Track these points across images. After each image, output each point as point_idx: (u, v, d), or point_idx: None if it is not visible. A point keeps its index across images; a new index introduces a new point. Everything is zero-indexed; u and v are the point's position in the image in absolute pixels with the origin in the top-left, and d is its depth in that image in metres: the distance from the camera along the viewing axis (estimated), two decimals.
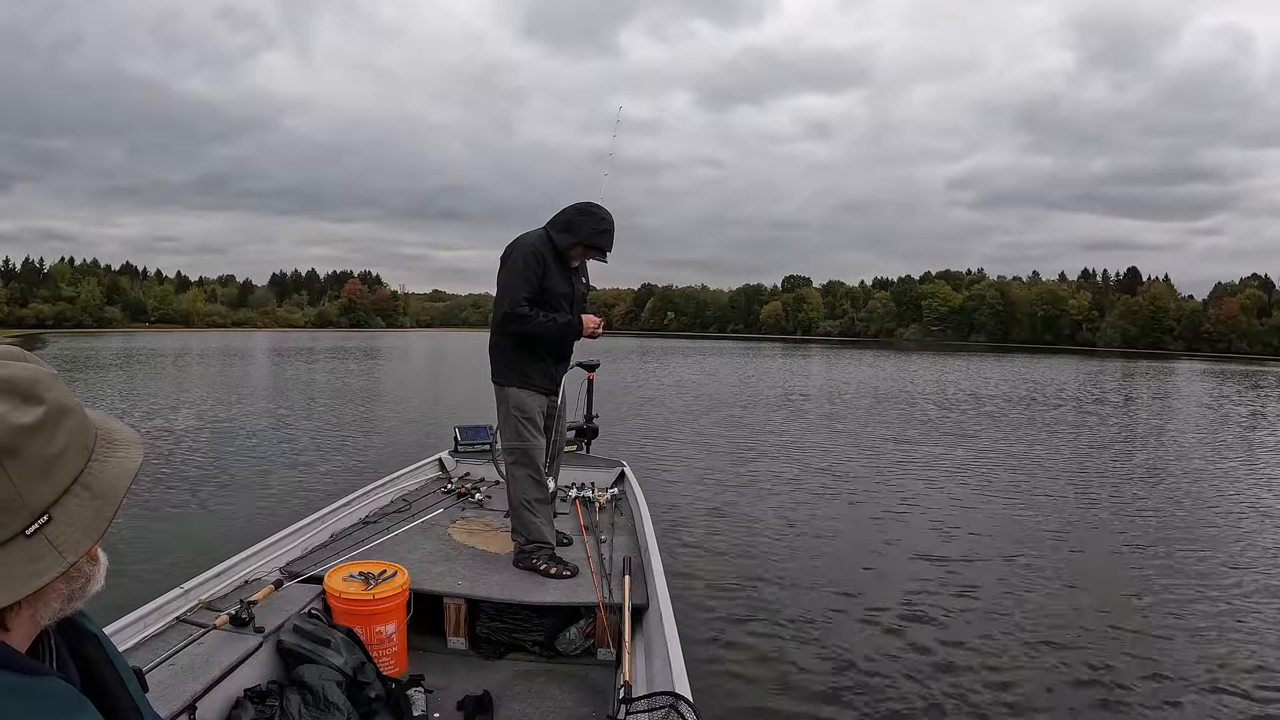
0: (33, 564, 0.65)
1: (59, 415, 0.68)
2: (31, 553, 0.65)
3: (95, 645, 0.84)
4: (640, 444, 10.94)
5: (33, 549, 0.65)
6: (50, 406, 0.67)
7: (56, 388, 0.69)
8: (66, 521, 0.67)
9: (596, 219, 3.48)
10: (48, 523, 0.66)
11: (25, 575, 0.65)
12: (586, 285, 3.73)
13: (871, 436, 12.39)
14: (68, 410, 0.69)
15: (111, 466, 0.72)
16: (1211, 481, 9.25)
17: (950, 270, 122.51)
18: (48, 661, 0.76)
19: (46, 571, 0.66)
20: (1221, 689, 3.78)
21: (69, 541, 0.67)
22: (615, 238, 3.57)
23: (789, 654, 4.08)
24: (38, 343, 45.88)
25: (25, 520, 0.65)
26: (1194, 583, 5.39)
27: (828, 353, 53.49)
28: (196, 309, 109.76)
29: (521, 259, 3.44)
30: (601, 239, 3.50)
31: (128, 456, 0.74)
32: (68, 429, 0.68)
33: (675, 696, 2.12)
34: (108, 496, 0.70)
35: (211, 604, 2.75)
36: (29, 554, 0.65)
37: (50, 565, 0.66)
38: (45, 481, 0.66)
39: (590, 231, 3.47)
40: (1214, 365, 52.10)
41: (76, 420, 0.70)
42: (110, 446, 0.73)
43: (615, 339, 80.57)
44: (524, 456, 3.50)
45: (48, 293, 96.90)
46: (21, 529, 0.64)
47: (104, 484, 0.70)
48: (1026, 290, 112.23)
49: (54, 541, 0.66)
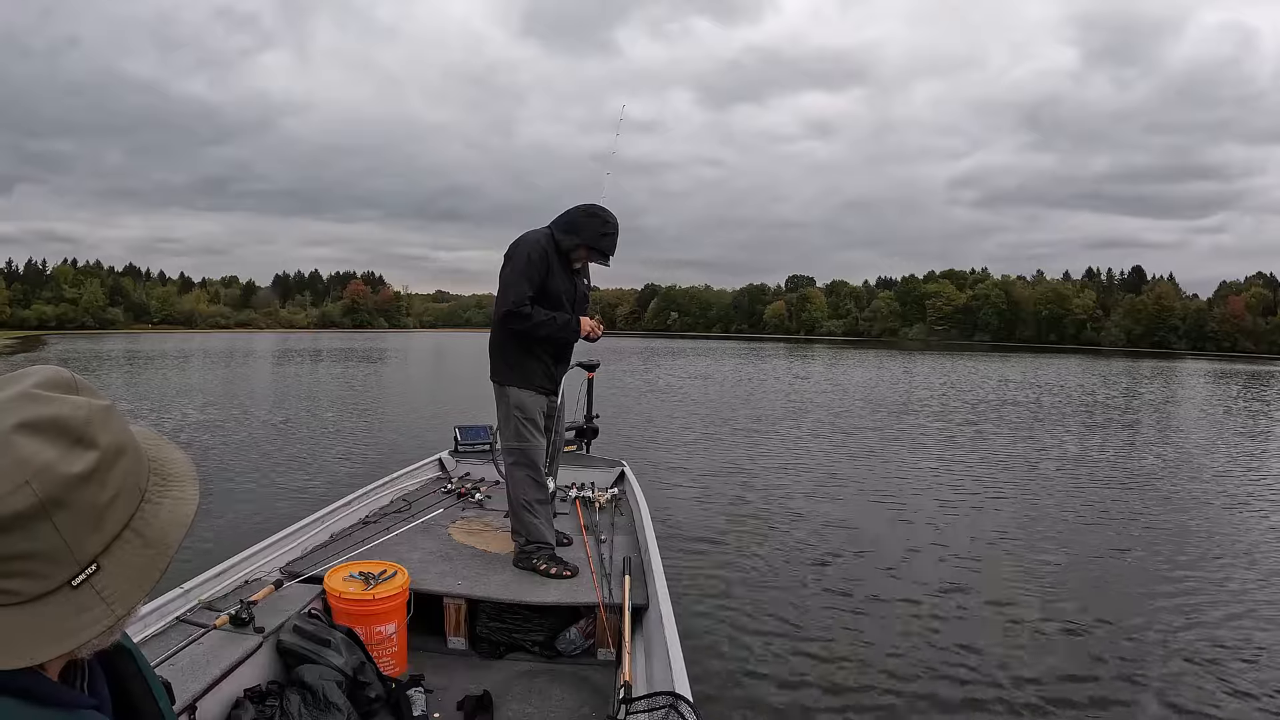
0: (78, 616, 0.61)
1: (113, 458, 0.63)
2: (77, 604, 0.61)
3: (127, 659, 0.81)
4: (641, 444, 10.94)
5: (79, 600, 0.61)
6: (104, 451, 0.62)
7: (111, 424, 0.64)
8: (116, 571, 0.63)
9: (600, 221, 3.48)
10: (95, 572, 0.62)
11: (69, 629, 0.61)
12: (589, 286, 3.73)
13: (874, 437, 12.36)
14: (122, 450, 0.64)
15: (165, 510, 0.67)
16: (1227, 484, 9.20)
17: (954, 270, 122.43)
18: (79, 681, 0.73)
19: (92, 625, 0.62)
20: (1231, 690, 3.76)
21: (118, 593, 0.63)
22: (619, 241, 3.57)
23: (789, 654, 4.08)
24: (40, 344, 46.07)
25: (71, 571, 0.60)
26: (1205, 582, 5.37)
27: (831, 353, 53.42)
28: (199, 310, 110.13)
29: (525, 257, 3.43)
30: (605, 242, 3.49)
31: (183, 497, 0.69)
32: (121, 472, 0.64)
33: (675, 696, 2.12)
34: (160, 545, 0.66)
35: (212, 604, 2.75)
36: (74, 606, 0.61)
37: (97, 618, 0.62)
38: (95, 533, 0.61)
39: (594, 234, 3.47)
40: (1220, 365, 51.89)
41: (131, 460, 0.65)
42: (165, 483, 0.69)
43: (618, 340, 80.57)
44: (524, 457, 3.50)
45: (50, 294, 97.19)
46: (68, 580, 0.60)
47: (157, 530, 0.66)
48: (1031, 289, 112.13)
49: (102, 593, 0.62)
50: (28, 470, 0.58)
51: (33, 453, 0.59)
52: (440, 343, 61.34)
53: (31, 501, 0.58)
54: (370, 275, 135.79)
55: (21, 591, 0.59)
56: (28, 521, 0.58)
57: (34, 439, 0.60)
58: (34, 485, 0.58)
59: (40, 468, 0.59)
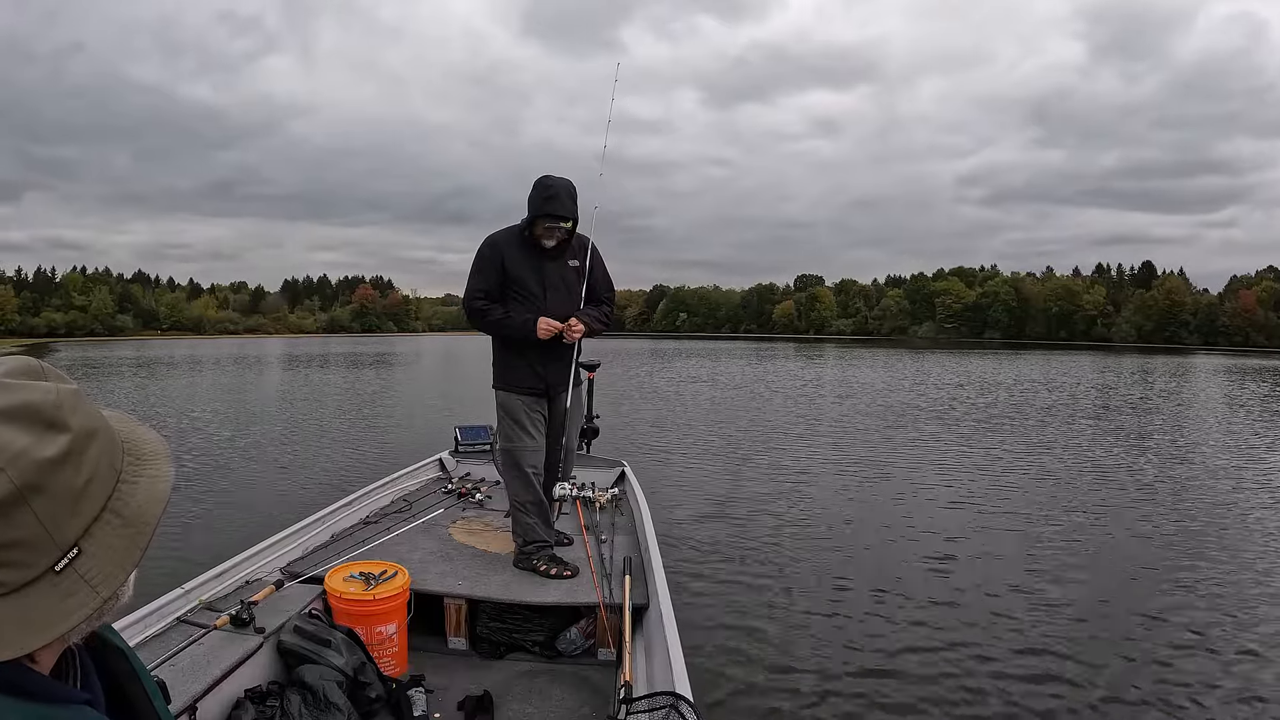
0: (63, 601, 0.61)
1: (85, 440, 0.63)
2: (61, 590, 0.61)
3: (121, 659, 0.81)
4: (641, 444, 10.93)
5: (63, 585, 0.61)
6: (76, 433, 0.62)
7: (80, 407, 0.64)
8: (97, 553, 0.63)
9: (542, 187, 3.34)
10: (77, 556, 0.61)
11: (56, 615, 0.61)
12: (581, 270, 3.55)
13: (877, 436, 12.30)
14: (94, 433, 0.64)
15: (142, 489, 0.67)
16: (1241, 481, 9.13)
17: (963, 267, 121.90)
18: (72, 678, 0.72)
19: (78, 609, 0.62)
20: (1235, 693, 3.73)
21: (101, 575, 0.63)
22: (577, 202, 3.41)
23: (789, 654, 4.06)
24: (48, 351, 46.43)
25: (53, 556, 0.60)
26: (1213, 583, 5.32)
27: (840, 352, 53.26)
28: (208, 316, 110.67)
29: (477, 254, 3.47)
30: (550, 205, 3.30)
31: (158, 474, 0.69)
32: (95, 453, 0.64)
33: (675, 696, 2.11)
34: (139, 523, 0.66)
35: (212, 604, 2.77)
36: (59, 591, 0.61)
37: (82, 602, 0.62)
38: (74, 516, 0.61)
39: (538, 202, 3.33)
40: (1235, 360, 51.40)
41: (103, 441, 0.65)
42: (139, 462, 0.69)
43: (627, 340, 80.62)
44: (509, 458, 3.51)
45: (60, 301, 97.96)
46: (50, 566, 0.60)
47: (135, 509, 0.66)
48: (1040, 286, 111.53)
49: (85, 576, 0.62)
50: (2, 458, 0.58)
51: (5, 440, 0.59)
52: (449, 346, 61.50)
53: (9, 489, 0.58)
54: (379, 279, 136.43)
55: (6, 582, 0.59)
56: (7, 509, 0.58)
57: (5, 426, 0.59)
58: (10, 473, 0.58)
59: (14, 455, 0.58)
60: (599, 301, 3.61)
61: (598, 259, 3.62)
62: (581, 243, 3.56)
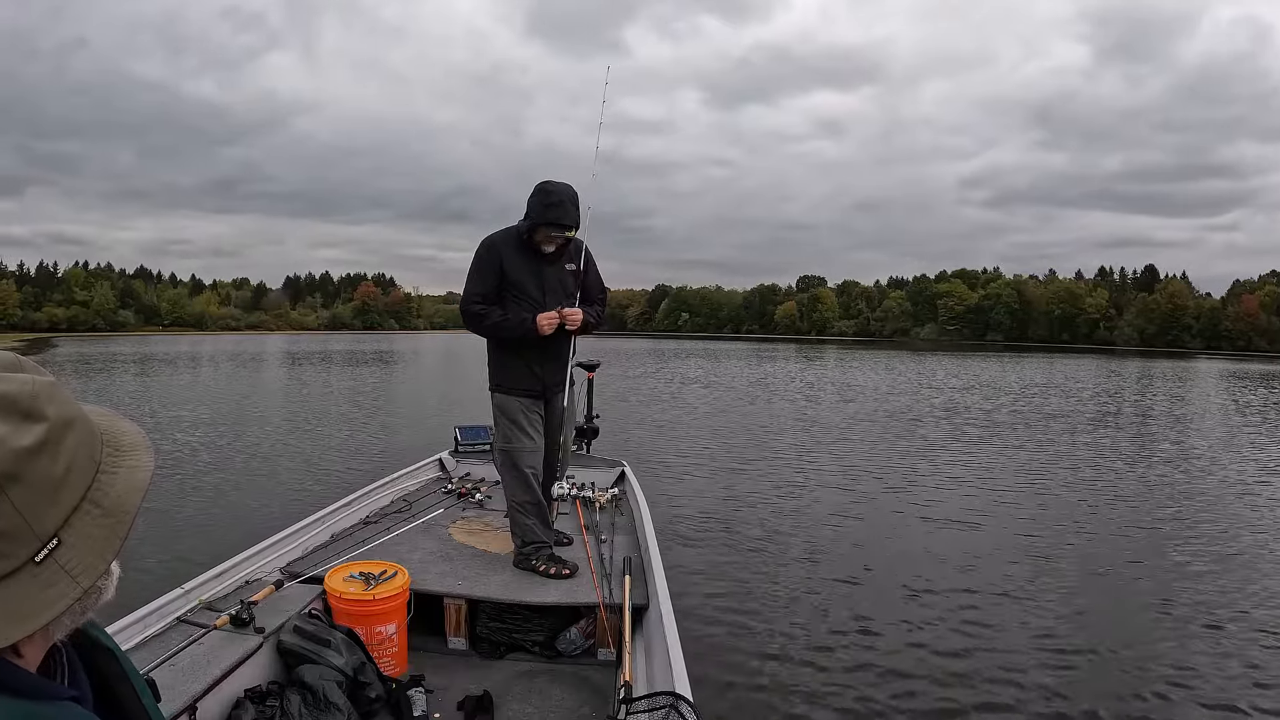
0: (44, 592, 0.61)
1: (62, 430, 0.63)
2: (42, 581, 0.61)
3: (110, 660, 0.80)
4: (641, 444, 10.93)
5: (43, 576, 0.61)
6: (53, 422, 0.62)
7: (57, 398, 0.64)
8: (77, 543, 0.62)
9: (544, 194, 3.34)
10: (57, 547, 0.61)
11: (37, 606, 0.60)
12: (577, 273, 3.57)
13: (877, 438, 12.30)
14: (71, 422, 0.64)
15: (121, 478, 0.67)
16: (1249, 489, 9.10)
17: (966, 269, 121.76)
18: (59, 677, 0.72)
19: (59, 600, 0.61)
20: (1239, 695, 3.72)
21: (82, 565, 0.62)
22: (580, 211, 3.41)
23: (789, 654, 4.06)
24: (49, 346, 46.47)
25: (33, 547, 0.60)
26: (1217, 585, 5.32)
27: (842, 353, 53.21)
28: (210, 312, 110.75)
29: (475, 256, 3.46)
30: (552, 213, 3.31)
31: (138, 465, 0.69)
32: (72, 443, 0.63)
33: (675, 696, 2.11)
34: (119, 512, 0.66)
35: (212, 604, 2.77)
36: (40, 582, 0.60)
37: (63, 593, 0.62)
38: (53, 506, 0.61)
39: (540, 209, 3.33)
40: (1238, 364, 51.27)
41: (81, 431, 0.65)
42: (118, 454, 0.68)
43: (628, 340, 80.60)
44: (507, 459, 3.51)
45: (61, 296, 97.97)
46: (30, 557, 0.60)
47: (114, 499, 0.66)
48: (1043, 289, 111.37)
49: (65, 566, 0.62)
50: None
51: None
52: (450, 344, 61.46)
53: None
54: (381, 277, 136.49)
55: None
56: None
57: None
58: None
59: None
60: (592, 302, 3.66)
61: (591, 261, 3.67)
62: (576, 245, 3.59)
